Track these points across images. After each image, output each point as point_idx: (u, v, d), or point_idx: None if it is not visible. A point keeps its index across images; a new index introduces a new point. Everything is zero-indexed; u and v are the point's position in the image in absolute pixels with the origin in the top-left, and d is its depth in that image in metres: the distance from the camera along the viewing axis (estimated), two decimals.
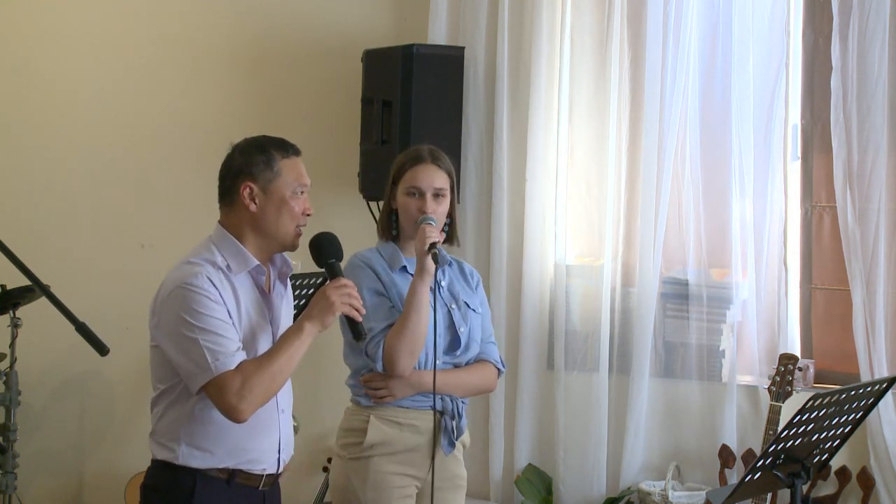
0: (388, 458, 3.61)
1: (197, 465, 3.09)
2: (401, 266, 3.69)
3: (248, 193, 3.11)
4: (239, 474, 3.11)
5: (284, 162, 3.14)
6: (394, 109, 5.09)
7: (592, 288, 5.16)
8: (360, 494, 3.59)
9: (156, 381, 3.19)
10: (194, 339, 2.99)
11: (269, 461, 3.18)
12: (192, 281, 3.03)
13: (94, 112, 5.95)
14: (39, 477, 5.96)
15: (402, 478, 3.62)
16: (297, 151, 3.18)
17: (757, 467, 3.10)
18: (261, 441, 3.13)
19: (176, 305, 3.03)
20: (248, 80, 5.78)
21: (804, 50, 4.90)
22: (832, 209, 4.81)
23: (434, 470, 3.65)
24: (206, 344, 2.98)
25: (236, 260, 3.11)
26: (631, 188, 5.10)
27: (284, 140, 3.21)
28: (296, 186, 3.13)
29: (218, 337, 2.99)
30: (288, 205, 3.11)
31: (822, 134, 4.86)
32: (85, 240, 5.93)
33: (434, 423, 3.65)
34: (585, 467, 5.11)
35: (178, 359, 3.05)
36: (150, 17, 5.91)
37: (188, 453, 3.09)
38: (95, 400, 5.98)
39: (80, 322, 3.23)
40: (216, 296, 3.03)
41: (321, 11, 5.67)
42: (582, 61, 5.17)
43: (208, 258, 3.10)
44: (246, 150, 3.16)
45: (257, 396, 2.98)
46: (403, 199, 3.68)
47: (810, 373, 4.84)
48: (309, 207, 3.16)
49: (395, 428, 3.63)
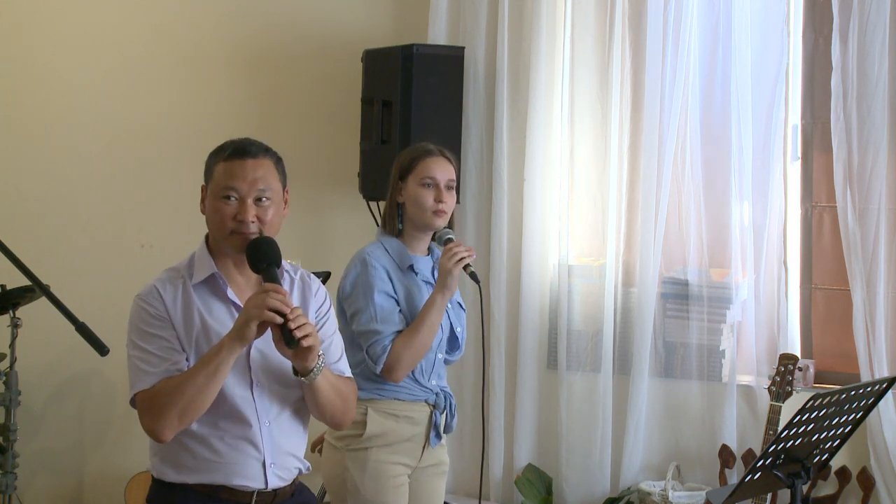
0: (386, 449, 3.68)
1: (173, 480, 3.02)
2: (409, 265, 3.73)
3: (202, 198, 3.09)
4: (222, 490, 2.99)
5: (218, 165, 3.02)
6: (394, 109, 5.09)
7: (593, 288, 5.16)
8: (358, 484, 3.66)
9: None
10: (130, 355, 2.97)
11: (252, 476, 3.00)
12: (142, 294, 3.00)
13: (93, 112, 5.95)
14: (39, 477, 5.96)
15: (397, 467, 3.71)
16: (241, 153, 3.00)
17: (757, 467, 3.10)
18: (233, 455, 2.99)
19: (130, 318, 3.01)
20: (248, 80, 5.78)
21: (804, 50, 4.90)
22: (832, 209, 4.81)
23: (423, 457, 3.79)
24: (135, 359, 2.95)
25: (199, 267, 3.05)
26: (631, 188, 5.10)
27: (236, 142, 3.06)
28: (221, 190, 2.98)
29: (147, 353, 2.93)
30: (213, 209, 3.01)
31: (822, 134, 4.86)
32: (85, 240, 5.93)
33: (429, 414, 3.76)
34: (588, 467, 5.11)
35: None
36: (150, 18, 5.91)
37: (162, 468, 3.04)
38: (95, 400, 5.98)
39: (80, 322, 3.23)
40: (158, 310, 2.96)
41: (321, 11, 5.68)
42: (582, 61, 5.17)
43: (176, 267, 3.07)
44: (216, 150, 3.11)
45: (169, 417, 2.87)
46: (417, 190, 3.71)
47: (810, 373, 4.84)
48: (242, 213, 2.96)
49: (393, 420, 3.70)
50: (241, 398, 2.97)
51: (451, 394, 3.87)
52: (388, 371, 3.65)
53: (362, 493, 3.66)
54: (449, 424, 3.82)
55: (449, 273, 3.63)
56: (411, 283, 3.71)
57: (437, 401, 3.80)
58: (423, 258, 3.78)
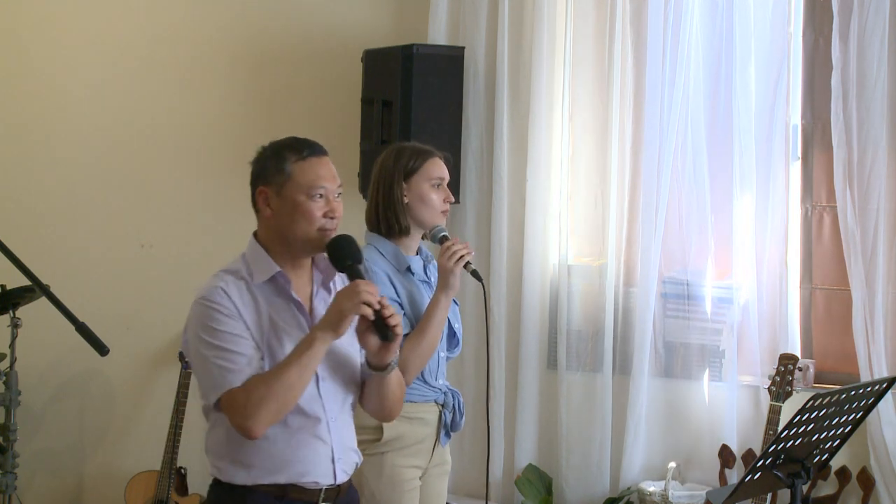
0: (401, 453, 3.68)
1: (243, 482, 2.99)
2: (406, 267, 3.72)
3: (263, 199, 3.03)
4: (292, 489, 3.00)
5: (297, 164, 3.02)
6: (394, 109, 5.09)
7: (593, 288, 5.16)
8: (374, 490, 3.65)
9: (200, 398, 3.07)
10: (206, 356, 2.94)
11: (322, 473, 3.03)
12: (207, 295, 2.97)
13: (94, 112, 5.96)
14: (39, 477, 5.96)
15: (411, 470, 3.72)
16: (316, 152, 3.06)
17: (757, 467, 3.10)
18: (304, 452, 3.01)
19: (194, 320, 2.98)
20: (248, 81, 5.78)
21: (804, 50, 4.90)
22: (832, 209, 4.81)
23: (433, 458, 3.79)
24: (216, 360, 2.92)
25: (258, 268, 3.03)
26: (632, 188, 5.10)
27: (303, 141, 3.09)
28: (310, 189, 3.00)
29: (228, 353, 2.92)
30: (301, 208, 2.99)
31: (822, 134, 4.86)
32: (85, 240, 5.93)
33: (439, 415, 3.76)
34: (588, 467, 5.12)
35: (197, 376, 3.02)
36: (150, 18, 5.91)
37: (233, 470, 2.99)
38: (95, 400, 5.99)
39: (80, 322, 3.23)
40: (231, 310, 2.95)
41: (321, 11, 5.68)
42: (582, 60, 5.17)
43: (234, 269, 3.03)
44: (262, 154, 3.08)
45: (264, 412, 2.88)
46: (427, 190, 3.70)
47: (810, 373, 4.84)
48: (333, 209, 3.02)
49: (407, 423, 3.68)
50: (309, 394, 2.99)
51: (457, 392, 3.87)
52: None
53: (377, 498, 3.66)
54: (457, 423, 3.82)
55: (451, 272, 3.62)
56: (411, 284, 3.71)
57: (445, 400, 3.80)
58: (415, 258, 3.77)
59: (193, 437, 5.61)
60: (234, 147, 5.76)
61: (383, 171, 3.75)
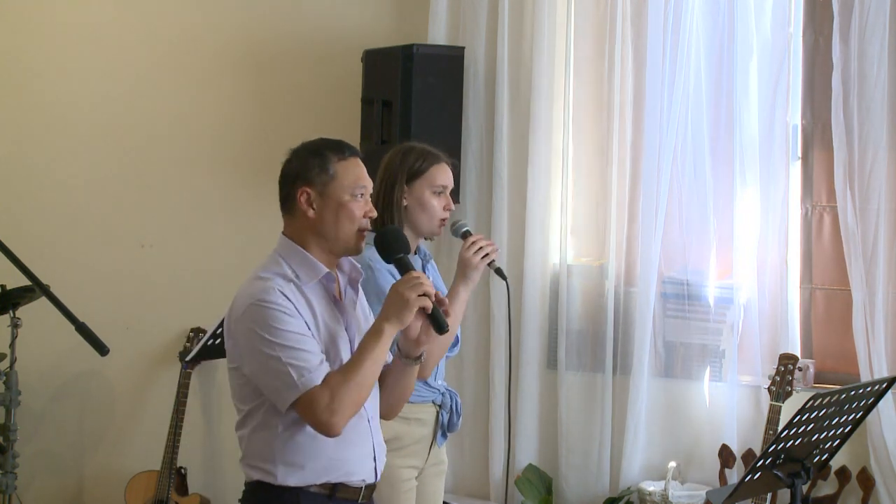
0: (398, 453, 3.65)
1: (296, 483, 2.98)
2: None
3: (305, 199, 3.01)
4: (340, 488, 3.03)
5: (340, 164, 3.03)
6: (394, 109, 5.09)
7: (593, 287, 5.16)
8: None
9: (238, 403, 3.04)
10: (276, 357, 2.89)
11: (367, 471, 3.08)
12: (265, 297, 2.92)
13: (94, 112, 5.95)
14: (39, 477, 5.96)
15: (408, 470, 3.72)
16: (355, 152, 3.08)
17: (757, 467, 3.10)
18: (353, 451, 3.04)
19: (252, 324, 2.92)
20: (247, 81, 5.78)
21: (804, 50, 4.90)
22: (832, 209, 4.81)
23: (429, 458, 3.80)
24: (288, 360, 2.88)
25: (305, 270, 3.02)
26: (632, 188, 5.10)
27: (341, 142, 3.09)
28: (353, 189, 3.02)
29: (299, 352, 2.90)
30: (346, 208, 3.01)
31: (822, 134, 4.86)
32: (85, 240, 5.93)
33: (436, 415, 3.76)
34: (588, 467, 5.12)
35: (262, 379, 2.94)
36: (149, 17, 5.91)
37: (286, 472, 2.97)
38: (95, 400, 5.99)
39: (80, 322, 3.24)
40: (291, 309, 2.93)
41: (321, 11, 5.68)
42: (583, 60, 5.17)
43: (277, 271, 2.99)
44: (301, 155, 3.06)
45: (348, 408, 2.89)
46: (429, 196, 3.68)
47: (810, 373, 4.84)
48: (371, 209, 3.05)
49: (404, 423, 3.67)
50: None
51: (455, 392, 3.87)
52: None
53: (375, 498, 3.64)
54: (454, 423, 3.82)
55: (475, 268, 3.63)
56: None
57: (443, 400, 3.80)
58: (413, 257, 3.74)
59: (193, 437, 5.62)
60: (234, 147, 5.78)
61: (388, 169, 3.73)
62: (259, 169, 5.62)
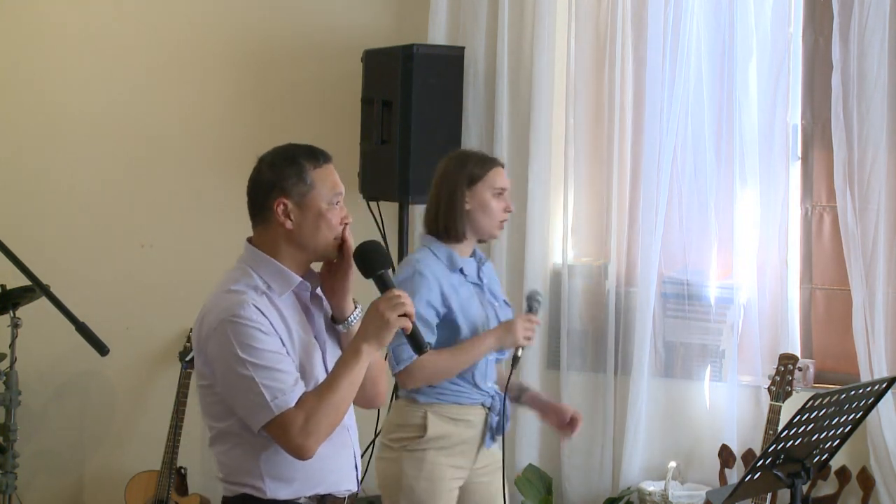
0: (443, 452, 3.74)
1: (286, 497, 2.91)
2: (458, 268, 3.79)
3: (282, 210, 2.91)
4: (328, 499, 2.97)
5: (317, 172, 2.93)
6: (394, 109, 5.08)
7: (593, 287, 5.17)
8: (413, 484, 3.72)
9: (210, 420, 2.94)
10: (250, 377, 2.79)
11: (350, 479, 3.03)
12: (239, 312, 2.82)
13: (94, 112, 5.95)
14: (39, 477, 5.96)
15: (453, 469, 3.77)
16: (328, 158, 2.98)
17: (757, 467, 3.10)
18: (338, 461, 2.99)
19: (225, 341, 2.82)
20: (247, 81, 5.77)
21: (804, 50, 4.90)
22: (832, 209, 4.81)
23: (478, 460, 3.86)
24: (262, 381, 2.79)
25: (278, 280, 2.92)
26: (632, 188, 5.10)
27: (314, 148, 3.00)
28: (331, 197, 2.93)
29: (274, 372, 2.80)
30: (325, 217, 2.91)
31: (822, 134, 4.86)
32: (85, 240, 5.93)
33: (485, 417, 3.81)
34: (588, 467, 5.12)
35: (235, 398, 2.84)
36: (149, 18, 5.91)
37: (275, 486, 2.89)
38: (95, 400, 5.99)
39: (80, 322, 3.23)
40: (267, 326, 2.83)
41: (321, 11, 5.67)
42: (583, 60, 5.17)
43: (249, 283, 2.88)
44: (275, 164, 2.95)
45: (323, 430, 2.82)
46: (489, 199, 3.79)
47: (810, 373, 4.84)
48: (347, 215, 2.96)
49: (452, 424, 3.76)
50: None
51: (503, 395, 3.89)
52: (405, 377, 3.71)
53: (416, 492, 3.72)
54: (503, 426, 3.85)
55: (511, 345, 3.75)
56: (462, 286, 3.78)
57: (492, 403, 3.85)
58: (468, 260, 3.85)
59: (193, 437, 5.62)
60: (234, 147, 5.77)
61: (446, 176, 3.82)
62: None
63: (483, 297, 3.84)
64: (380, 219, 5.25)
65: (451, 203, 3.78)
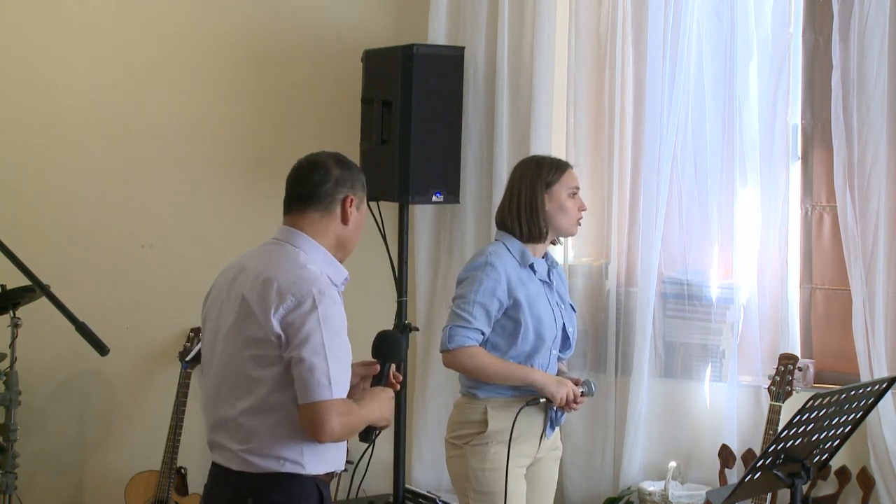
0: (504, 444, 3.84)
1: (316, 472, 3.09)
2: (529, 263, 3.92)
3: (351, 206, 3.16)
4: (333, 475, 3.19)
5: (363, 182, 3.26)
6: (394, 109, 5.08)
7: (593, 287, 5.17)
8: (479, 475, 3.87)
9: (261, 389, 3.03)
10: (327, 358, 2.96)
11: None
12: (329, 292, 3.01)
13: (94, 112, 5.95)
14: (39, 477, 5.96)
15: (516, 458, 3.87)
16: None
17: (757, 467, 3.10)
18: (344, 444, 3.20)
19: (321, 315, 2.96)
20: (248, 81, 5.77)
21: (804, 50, 4.90)
22: (832, 209, 4.81)
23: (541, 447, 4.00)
24: (337, 367, 2.98)
25: (333, 272, 3.13)
26: (632, 188, 5.10)
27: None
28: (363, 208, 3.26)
29: (344, 363, 3.02)
30: (362, 225, 3.23)
31: (822, 134, 4.86)
32: (85, 240, 5.93)
33: (544, 408, 3.94)
34: (589, 466, 5.13)
35: (299, 367, 2.96)
36: (149, 17, 5.90)
37: (314, 462, 3.07)
38: (95, 400, 5.98)
39: (80, 322, 3.22)
40: (344, 317, 3.06)
41: (321, 11, 5.68)
42: (583, 60, 5.17)
43: (320, 269, 3.09)
44: (348, 165, 3.24)
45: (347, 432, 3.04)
46: (567, 199, 3.97)
47: (810, 373, 4.84)
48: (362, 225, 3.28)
49: (511, 417, 3.85)
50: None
51: None
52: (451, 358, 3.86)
53: (483, 483, 3.86)
54: (559, 418, 3.99)
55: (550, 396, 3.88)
56: (530, 280, 3.91)
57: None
58: (540, 260, 3.98)
59: (193, 437, 5.61)
60: (234, 147, 5.78)
61: (525, 180, 3.98)
62: (259, 169, 5.62)
63: (551, 296, 3.97)
64: (380, 219, 5.25)
65: (531, 206, 3.94)
